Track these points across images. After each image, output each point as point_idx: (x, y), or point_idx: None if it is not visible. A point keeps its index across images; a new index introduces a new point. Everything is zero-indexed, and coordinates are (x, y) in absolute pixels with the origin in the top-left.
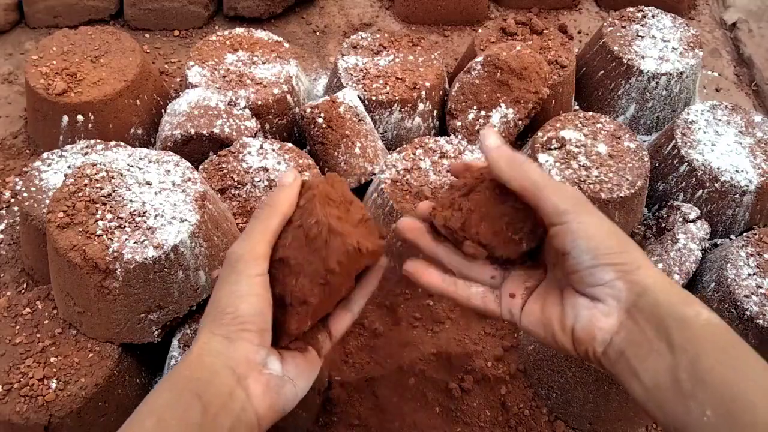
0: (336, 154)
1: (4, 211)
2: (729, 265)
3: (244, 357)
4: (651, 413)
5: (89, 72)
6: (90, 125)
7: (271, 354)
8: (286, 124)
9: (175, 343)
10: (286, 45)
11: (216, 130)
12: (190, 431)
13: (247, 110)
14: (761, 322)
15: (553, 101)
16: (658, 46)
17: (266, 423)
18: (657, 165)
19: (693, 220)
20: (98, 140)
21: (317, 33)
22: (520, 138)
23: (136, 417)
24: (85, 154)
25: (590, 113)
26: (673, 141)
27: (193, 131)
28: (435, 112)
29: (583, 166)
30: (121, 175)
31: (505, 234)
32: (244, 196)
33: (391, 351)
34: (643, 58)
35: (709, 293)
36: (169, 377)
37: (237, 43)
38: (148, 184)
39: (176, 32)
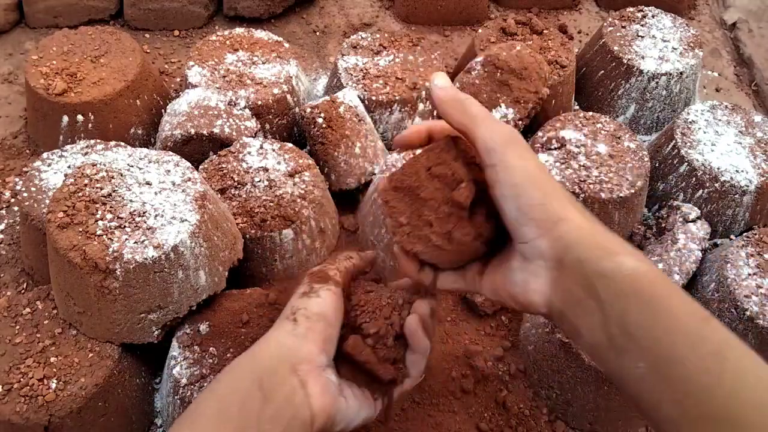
0: (336, 154)
1: (4, 211)
2: (729, 265)
3: (307, 356)
4: (598, 367)
5: (89, 72)
6: (90, 125)
7: (330, 366)
8: (286, 124)
9: (175, 343)
10: (286, 45)
11: (216, 130)
12: (250, 420)
13: (247, 110)
14: (761, 322)
15: (553, 101)
16: (658, 46)
17: (318, 424)
18: (657, 165)
19: (693, 220)
20: (98, 140)
21: (317, 33)
22: None
23: (199, 403)
24: (85, 154)
25: (590, 113)
26: (673, 141)
27: (193, 131)
28: (435, 112)
29: (583, 166)
30: (121, 175)
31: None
32: (244, 196)
33: None
34: (643, 58)
35: (709, 293)
36: (233, 366)
37: (237, 43)
38: (148, 184)
39: (176, 32)
